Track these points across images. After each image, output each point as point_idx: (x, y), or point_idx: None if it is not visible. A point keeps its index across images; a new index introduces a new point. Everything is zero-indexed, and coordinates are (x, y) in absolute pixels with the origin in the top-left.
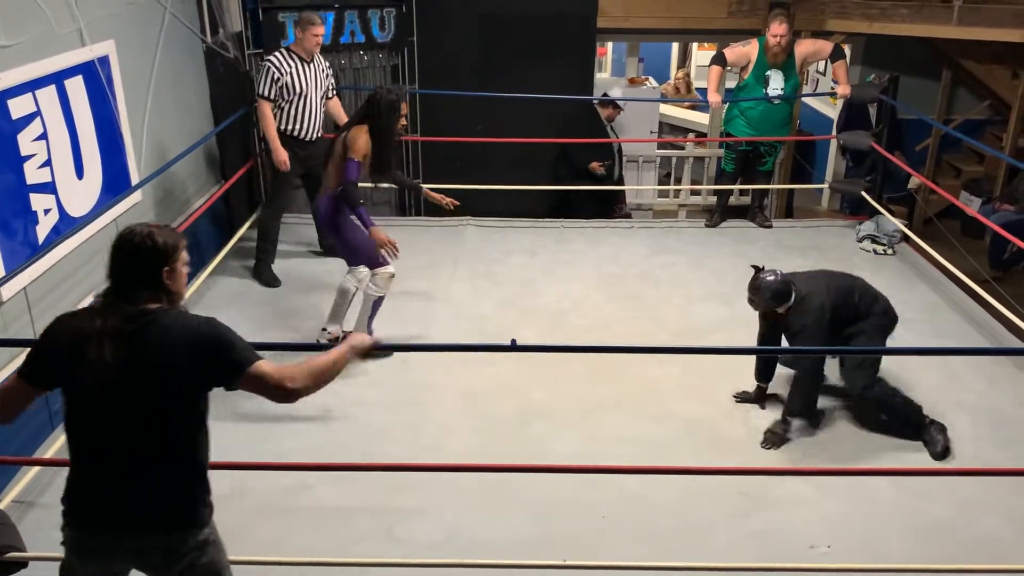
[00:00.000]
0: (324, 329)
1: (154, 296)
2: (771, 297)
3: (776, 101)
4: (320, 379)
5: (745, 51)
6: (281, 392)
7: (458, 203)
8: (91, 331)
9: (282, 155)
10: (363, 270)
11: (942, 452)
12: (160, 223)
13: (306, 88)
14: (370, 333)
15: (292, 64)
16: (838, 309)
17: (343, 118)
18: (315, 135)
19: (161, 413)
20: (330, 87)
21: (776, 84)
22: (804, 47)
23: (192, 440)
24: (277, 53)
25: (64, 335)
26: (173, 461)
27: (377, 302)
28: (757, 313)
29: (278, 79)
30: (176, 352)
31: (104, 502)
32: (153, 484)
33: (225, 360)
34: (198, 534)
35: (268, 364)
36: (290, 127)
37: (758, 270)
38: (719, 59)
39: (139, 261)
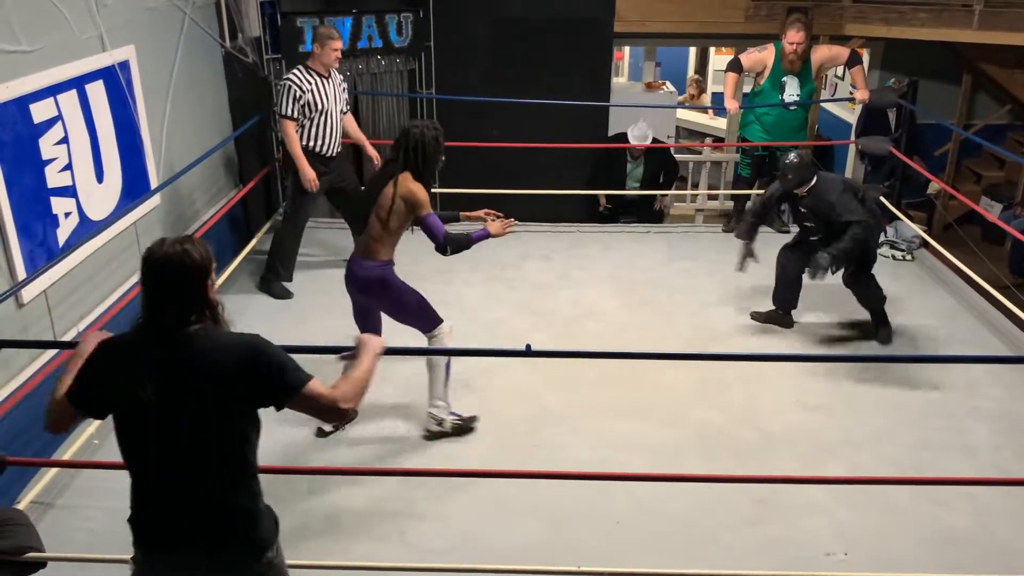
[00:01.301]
0: (431, 413)
1: (199, 315)
2: (800, 176)
3: (792, 107)
4: (364, 392)
5: (761, 57)
6: (334, 413)
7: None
8: (135, 362)
9: (310, 174)
10: (444, 329)
11: (885, 339)
12: (185, 235)
13: (327, 104)
14: (447, 402)
15: (312, 81)
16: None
17: (358, 134)
18: (336, 150)
19: (212, 436)
20: (345, 102)
21: (792, 90)
22: (820, 53)
23: (244, 461)
24: (296, 71)
25: (108, 367)
26: (228, 484)
27: (448, 365)
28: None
29: (300, 97)
30: (223, 375)
31: (164, 526)
32: (209, 508)
33: (276, 382)
34: (260, 556)
35: (319, 384)
36: (312, 144)
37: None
38: (735, 65)
39: (182, 281)
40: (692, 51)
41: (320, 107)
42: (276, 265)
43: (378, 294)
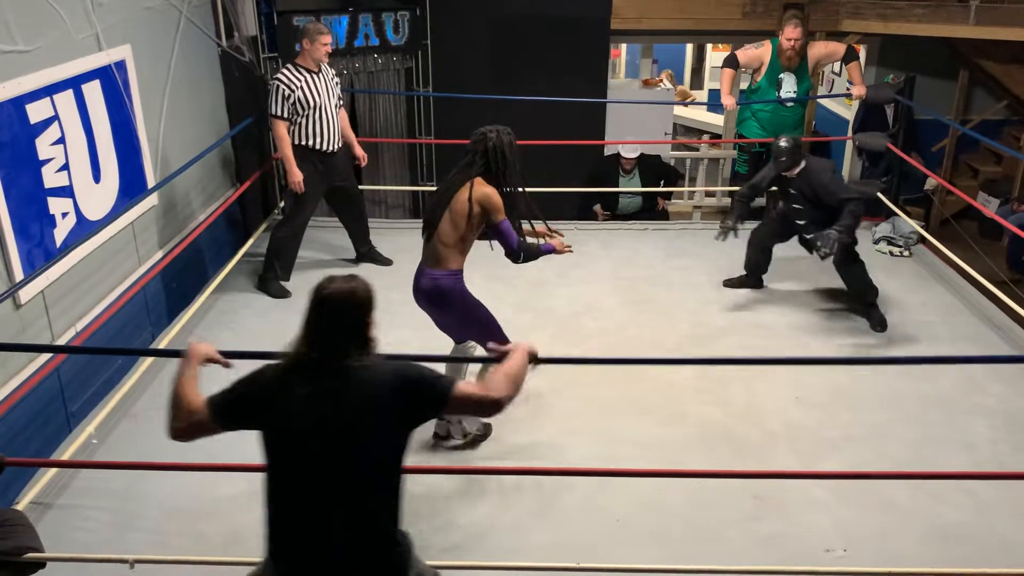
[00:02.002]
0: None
1: (359, 350)
2: (792, 158)
3: (789, 104)
4: (519, 384)
5: (758, 53)
6: (491, 405)
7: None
8: (294, 390)
9: (297, 176)
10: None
11: (879, 325)
12: (351, 274)
13: (319, 99)
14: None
15: (301, 78)
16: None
17: (348, 133)
18: (336, 146)
19: (367, 468)
20: (339, 96)
21: (789, 87)
22: (817, 49)
23: (396, 490)
24: (284, 69)
25: (267, 392)
26: (378, 513)
27: None
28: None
29: (289, 96)
30: (382, 402)
31: (312, 555)
32: (360, 537)
33: (430, 395)
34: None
35: (466, 385)
36: (310, 141)
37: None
38: (731, 61)
39: (347, 319)
40: (689, 48)
41: (312, 103)
42: (274, 264)
43: (446, 306)
